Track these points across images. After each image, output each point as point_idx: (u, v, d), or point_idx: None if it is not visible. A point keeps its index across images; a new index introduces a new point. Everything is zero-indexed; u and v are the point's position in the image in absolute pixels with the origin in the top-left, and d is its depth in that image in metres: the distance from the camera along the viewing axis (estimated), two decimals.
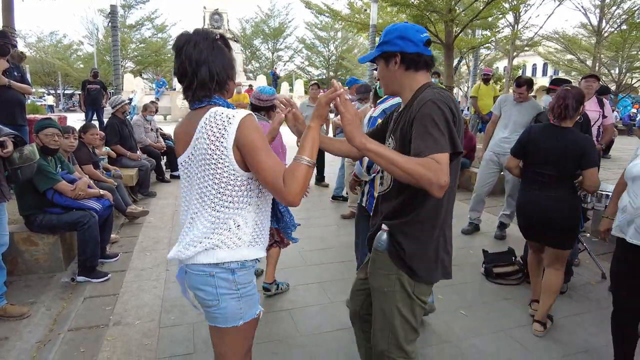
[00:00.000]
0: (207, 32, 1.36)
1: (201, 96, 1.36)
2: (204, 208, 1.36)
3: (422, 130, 1.33)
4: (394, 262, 1.52)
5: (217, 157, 1.29)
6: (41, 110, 8.70)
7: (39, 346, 2.49)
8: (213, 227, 1.34)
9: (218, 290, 1.36)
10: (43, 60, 30.17)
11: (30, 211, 3.23)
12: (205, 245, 1.34)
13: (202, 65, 1.32)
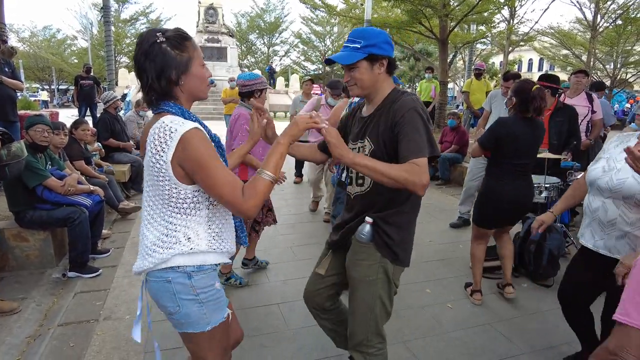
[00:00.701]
0: (151, 34, 1.27)
1: (148, 101, 1.32)
2: (153, 218, 1.32)
3: (407, 137, 1.47)
4: (379, 251, 1.63)
5: (158, 170, 1.25)
6: (33, 106, 8.62)
7: (28, 341, 2.51)
8: (163, 238, 1.30)
9: (177, 295, 1.32)
10: (36, 55, 29.97)
11: (20, 207, 3.24)
12: (157, 258, 1.30)
13: (142, 71, 1.27)
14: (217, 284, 1.40)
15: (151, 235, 1.32)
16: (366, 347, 1.71)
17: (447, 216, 4.95)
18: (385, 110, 1.58)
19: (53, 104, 28.60)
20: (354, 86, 1.64)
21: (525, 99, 2.71)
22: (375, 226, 1.62)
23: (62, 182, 3.29)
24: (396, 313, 2.84)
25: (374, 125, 1.61)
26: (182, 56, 1.28)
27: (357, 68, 1.59)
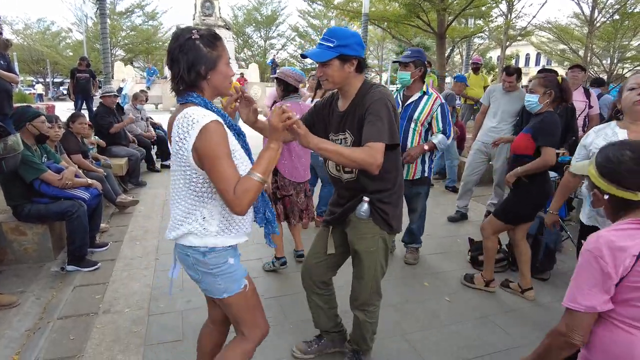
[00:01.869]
0: (185, 31, 1.41)
1: (175, 90, 1.45)
2: (178, 197, 1.49)
3: (370, 123, 1.70)
4: (378, 224, 1.91)
5: (182, 156, 1.40)
6: (29, 99, 8.56)
7: (28, 334, 2.51)
8: (184, 215, 1.47)
9: (195, 266, 1.51)
10: (31, 48, 29.67)
11: (17, 201, 3.22)
12: (179, 232, 1.48)
13: (175, 63, 1.40)
14: (231, 259, 1.54)
15: (177, 211, 1.49)
16: (367, 305, 2.06)
17: (445, 210, 4.97)
18: (358, 104, 1.80)
19: (48, 97, 28.36)
20: (325, 81, 1.81)
21: (561, 90, 2.74)
22: (372, 204, 1.86)
23: (60, 176, 3.28)
24: (395, 306, 2.88)
25: (351, 119, 1.82)
26: (212, 53, 1.42)
27: (329, 65, 1.75)
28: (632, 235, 1.14)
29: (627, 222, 1.19)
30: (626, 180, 1.20)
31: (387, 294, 3.03)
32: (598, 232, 1.21)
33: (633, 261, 1.11)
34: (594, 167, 1.28)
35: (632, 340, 1.17)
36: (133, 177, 5.87)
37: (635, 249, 1.11)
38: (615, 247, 1.13)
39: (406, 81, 3.19)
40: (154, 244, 3.85)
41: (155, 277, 3.23)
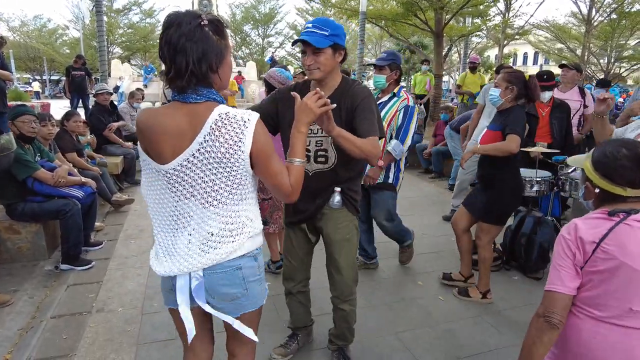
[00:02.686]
0: (194, 15, 1.22)
1: (179, 86, 1.24)
2: (213, 211, 1.30)
3: (367, 119, 1.79)
4: (350, 211, 2.02)
5: (234, 161, 1.25)
6: (25, 97, 8.51)
7: (21, 333, 2.51)
8: (230, 227, 1.32)
9: (246, 280, 1.37)
10: (27, 45, 29.49)
11: (11, 200, 3.21)
12: (229, 247, 1.31)
13: (179, 53, 1.19)
14: None
15: (213, 228, 1.30)
16: (351, 294, 2.14)
17: (440, 209, 4.98)
18: (343, 96, 1.84)
19: (45, 95, 28.25)
20: (316, 70, 1.79)
21: (526, 87, 2.73)
22: (343, 193, 1.93)
23: (53, 174, 3.27)
24: (388, 305, 2.89)
25: (334, 110, 1.69)
26: (221, 42, 1.26)
27: (323, 53, 1.75)
28: (597, 225, 1.23)
29: (597, 212, 1.27)
30: (618, 176, 1.25)
31: (381, 292, 3.05)
32: (573, 220, 1.29)
33: (593, 247, 1.20)
34: (590, 162, 1.32)
35: (579, 324, 1.26)
36: (129, 175, 5.86)
37: (596, 236, 1.20)
38: (581, 233, 1.23)
39: (381, 84, 3.06)
40: (149, 242, 3.85)
41: (150, 276, 3.22)
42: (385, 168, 3.09)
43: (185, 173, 1.26)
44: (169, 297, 1.41)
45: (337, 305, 2.16)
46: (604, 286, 1.21)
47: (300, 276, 2.21)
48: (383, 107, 3.09)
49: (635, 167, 1.24)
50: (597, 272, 1.21)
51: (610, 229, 1.20)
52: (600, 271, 1.20)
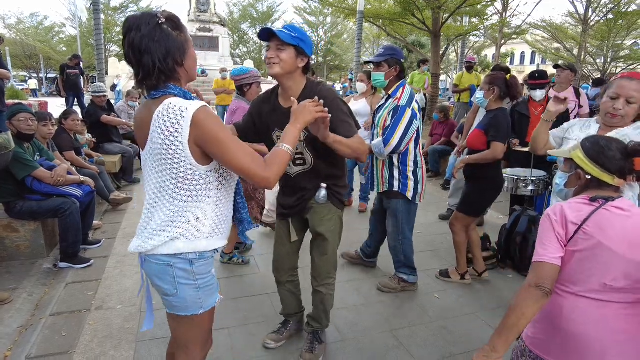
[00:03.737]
0: (151, 16, 1.25)
1: (150, 86, 1.30)
2: (161, 200, 1.34)
3: (344, 121, 1.89)
4: (335, 205, 2.13)
5: (173, 152, 1.27)
6: (21, 95, 8.48)
7: (20, 331, 2.53)
8: (171, 219, 1.33)
9: (176, 280, 1.37)
10: (24, 43, 29.35)
11: (9, 198, 3.23)
12: (163, 238, 1.33)
13: (145, 54, 1.24)
14: (213, 270, 1.49)
15: (158, 217, 1.34)
16: (329, 278, 2.26)
17: (437, 208, 5.02)
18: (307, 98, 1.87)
19: (42, 93, 28.13)
20: (275, 65, 1.81)
21: (508, 86, 2.91)
22: (329, 189, 2.04)
23: (52, 173, 3.28)
24: (383, 303, 2.92)
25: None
26: (181, 37, 1.30)
27: (285, 50, 1.80)
28: (580, 209, 1.35)
29: (580, 197, 1.40)
30: (611, 164, 1.37)
31: (376, 290, 3.08)
32: (557, 203, 1.41)
33: (575, 228, 1.32)
34: (581, 151, 1.44)
35: (561, 302, 1.36)
36: (126, 174, 5.87)
37: (579, 219, 1.32)
38: (565, 214, 1.34)
39: (380, 83, 2.88)
40: None
41: None
42: (388, 174, 2.91)
43: (146, 163, 1.38)
44: None
45: (315, 287, 2.28)
46: (583, 264, 1.31)
47: (288, 266, 2.33)
48: (378, 111, 2.96)
49: (624, 157, 1.37)
50: (577, 251, 1.31)
51: (591, 213, 1.32)
52: (580, 250, 1.31)
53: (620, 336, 1.29)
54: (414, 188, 2.90)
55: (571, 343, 1.33)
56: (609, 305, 1.30)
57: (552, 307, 1.37)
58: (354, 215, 4.78)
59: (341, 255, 3.60)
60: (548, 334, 1.39)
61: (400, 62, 2.85)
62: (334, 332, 2.56)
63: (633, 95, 1.91)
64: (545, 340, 1.40)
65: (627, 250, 1.26)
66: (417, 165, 2.91)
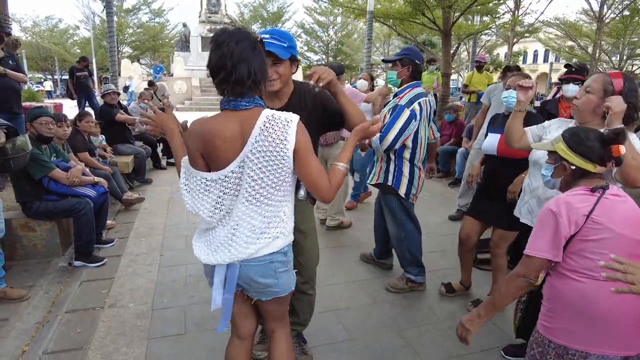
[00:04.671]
0: (248, 33, 1.43)
1: (238, 92, 1.40)
2: (255, 207, 1.45)
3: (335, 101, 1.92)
4: (311, 202, 2.16)
5: (280, 158, 1.40)
6: (37, 96, 8.67)
7: (37, 327, 2.61)
8: (268, 221, 1.47)
9: (277, 272, 1.53)
10: (39, 45, 29.95)
11: (26, 198, 3.32)
12: (266, 240, 1.47)
13: (242, 63, 1.37)
14: None
15: (252, 224, 1.46)
16: (313, 277, 2.27)
17: (446, 209, 5.00)
18: (301, 98, 1.95)
19: (57, 94, 28.68)
20: (275, 81, 1.83)
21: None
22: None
23: (67, 174, 3.37)
24: (391, 303, 2.94)
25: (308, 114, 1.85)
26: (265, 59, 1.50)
27: (282, 65, 1.82)
28: (585, 199, 1.42)
29: (580, 189, 1.46)
30: (591, 154, 1.47)
31: (383, 290, 3.10)
32: (559, 196, 1.48)
33: (584, 219, 1.39)
34: (564, 144, 1.53)
35: (583, 287, 1.41)
36: (139, 174, 5.97)
37: (586, 209, 1.39)
38: (572, 207, 1.40)
39: (393, 81, 2.97)
40: (159, 240, 3.94)
41: (160, 272, 3.31)
42: (385, 167, 2.98)
43: (236, 174, 1.42)
44: (210, 281, 1.60)
45: (306, 290, 2.25)
46: (597, 250, 1.38)
47: None
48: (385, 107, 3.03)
49: (602, 145, 1.47)
50: (590, 240, 1.39)
51: (595, 202, 1.40)
52: (592, 240, 1.38)
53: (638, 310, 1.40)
54: (407, 186, 2.94)
55: (597, 325, 1.40)
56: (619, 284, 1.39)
57: (574, 295, 1.42)
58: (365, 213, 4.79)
59: (359, 256, 3.66)
60: (573, 322, 1.43)
61: (414, 63, 2.88)
62: (341, 331, 2.59)
63: (590, 84, 1.94)
64: (570, 329, 1.44)
65: (630, 231, 1.38)
66: (414, 164, 2.94)
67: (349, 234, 4.27)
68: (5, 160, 2.70)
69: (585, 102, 1.93)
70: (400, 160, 2.93)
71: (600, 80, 1.91)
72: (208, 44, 8.29)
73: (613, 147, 1.45)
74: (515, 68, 4.37)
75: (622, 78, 1.92)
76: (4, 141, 2.60)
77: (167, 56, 30.73)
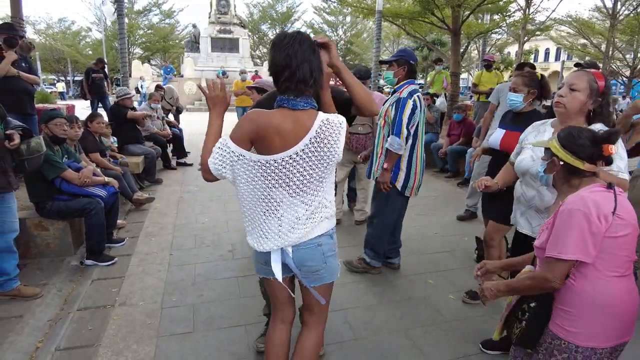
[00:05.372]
0: (308, 36, 1.55)
1: (300, 90, 1.50)
2: (301, 197, 1.57)
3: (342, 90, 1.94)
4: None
5: (329, 158, 1.54)
6: (50, 98, 8.79)
7: (50, 324, 2.67)
8: (314, 208, 1.59)
9: (325, 255, 1.65)
10: (52, 47, 30.44)
11: (40, 198, 3.40)
12: (314, 222, 1.60)
13: (305, 62, 1.48)
14: None
15: (300, 213, 1.58)
16: None
17: (455, 209, 4.98)
18: None
19: (69, 95, 29.12)
20: None
21: (541, 87, 2.78)
22: None
23: (79, 174, 3.44)
24: (397, 303, 2.95)
25: None
26: None
27: None
28: (606, 197, 1.43)
29: (595, 186, 1.47)
30: (580, 151, 1.50)
31: (391, 290, 3.11)
32: (580, 194, 1.46)
33: (612, 216, 1.40)
34: (557, 142, 1.56)
35: (612, 286, 1.44)
36: (149, 174, 6.05)
37: (610, 206, 1.41)
38: (599, 205, 1.40)
39: (389, 80, 3.16)
40: (169, 239, 4.00)
41: (169, 272, 3.36)
42: (382, 163, 3.08)
43: (283, 166, 1.52)
44: (262, 269, 1.72)
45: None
46: (623, 246, 1.43)
47: None
48: (385, 104, 3.17)
49: (593, 145, 1.49)
50: (619, 237, 1.41)
51: (615, 199, 1.42)
52: (621, 236, 1.41)
53: None
54: (404, 179, 3.08)
55: (623, 320, 1.46)
56: (630, 277, 1.49)
57: (605, 295, 1.44)
58: None
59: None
60: (602, 322, 1.45)
61: (409, 63, 3.06)
62: (347, 330, 2.61)
63: (574, 82, 1.92)
64: (598, 331, 1.46)
65: (636, 224, 1.45)
66: (412, 157, 3.07)
67: (355, 234, 4.29)
68: (20, 161, 2.76)
69: (572, 101, 1.92)
70: (401, 158, 3.05)
71: (584, 78, 1.91)
72: (217, 45, 8.48)
73: (604, 146, 1.48)
74: (529, 66, 4.32)
75: (602, 76, 1.94)
76: (18, 142, 2.65)
77: (177, 57, 31.02)
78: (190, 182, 6.24)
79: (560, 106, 1.97)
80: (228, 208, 4.96)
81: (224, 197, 5.35)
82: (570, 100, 1.93)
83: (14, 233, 2.86)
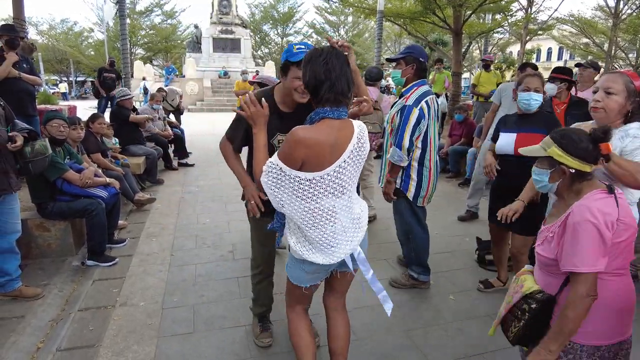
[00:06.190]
0: (340, 51, 1.67)
1: (339, 101, 1.60)
2: (351, 198, 1.76)
3: None
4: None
5: (363, 159, 1.73)
6: (52, 99, 8.82)
7: (52, 324, 2.68)
8: (361, 204, 1.83)
9: (365, 240, 1.88)
10: (55, 48, 30.53)
11: (41, 199, 3.41)
12: (366, 218, 1.84)
13: (343, 76, 1.60)
14: None
15: (355, 209, 1.77)
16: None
17: (456, 209, 4.97)
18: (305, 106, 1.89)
19: (72, 96, 29.20)
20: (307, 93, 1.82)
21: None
22: None
23: (80, 175, 3.45)
24: (398, 304, 2.94)
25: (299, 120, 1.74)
26: None
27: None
28: (610, 203, 1.43)
29: (597, 192, 1.45)
30: (586, 155, 1.47)
31: (392, 291, 3.11)
32: (585, 204, 1.43)
33: (616, 222, 1.41)
34: (557, 147, 1.50)
35: (617, 285, 1.48)
36: (151, 175, 6.05)
37: (615, 212, 1.42)
38: (606, 213, 1.40)
39: (397, 80, 2.91)
40: (170, 240, 4.00)
41: (170, 272, 3.37)
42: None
43: (335, 176, 1.63)
44: (309, 278, 1.82)
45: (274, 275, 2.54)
46: (626, 248, 1.46)
47: (273, 259, 2.48)
48: (393, 108, 3.00)
49: (594, 146, 1.48)
50: (622, 241, 1.44)
51: (617, 204, 1.43)
52: (623, 240, 1.44)
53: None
54: (415, 189, 2.89)
55: (626, 316, 1.50)
56: (627, 274, 1.52)
57: (609, 294, 1.46)
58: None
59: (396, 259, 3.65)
60: (607, 320, 1.48)
61: (418, 61, 2.82)
62: None
63: (610, 86, 1.89)
64: (603, 329, 1.48)
65: (635, 225, 1.48)
66: (424, 166, 2.88)
67: None
68: (24, 164, 2.77)
69: (612, 104, 1.89)
70: (408, 162, 2.87)
71: (620, 80, 1.89)
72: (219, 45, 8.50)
73: (602, 145, 1.48)
74: (531, 66, 4.32)
75: (637, 75, 1.92)
76: (20, 145, 2.66)
77: (179, 57, 31.06)
78: (192, 182, 6.25)
79: (599, 111, 1.92)
80: (229, 209, 4.97)
81: (225, 198, 5.36)
82: (610, 104, 1.90)
83: (16, 234, 2.87)
